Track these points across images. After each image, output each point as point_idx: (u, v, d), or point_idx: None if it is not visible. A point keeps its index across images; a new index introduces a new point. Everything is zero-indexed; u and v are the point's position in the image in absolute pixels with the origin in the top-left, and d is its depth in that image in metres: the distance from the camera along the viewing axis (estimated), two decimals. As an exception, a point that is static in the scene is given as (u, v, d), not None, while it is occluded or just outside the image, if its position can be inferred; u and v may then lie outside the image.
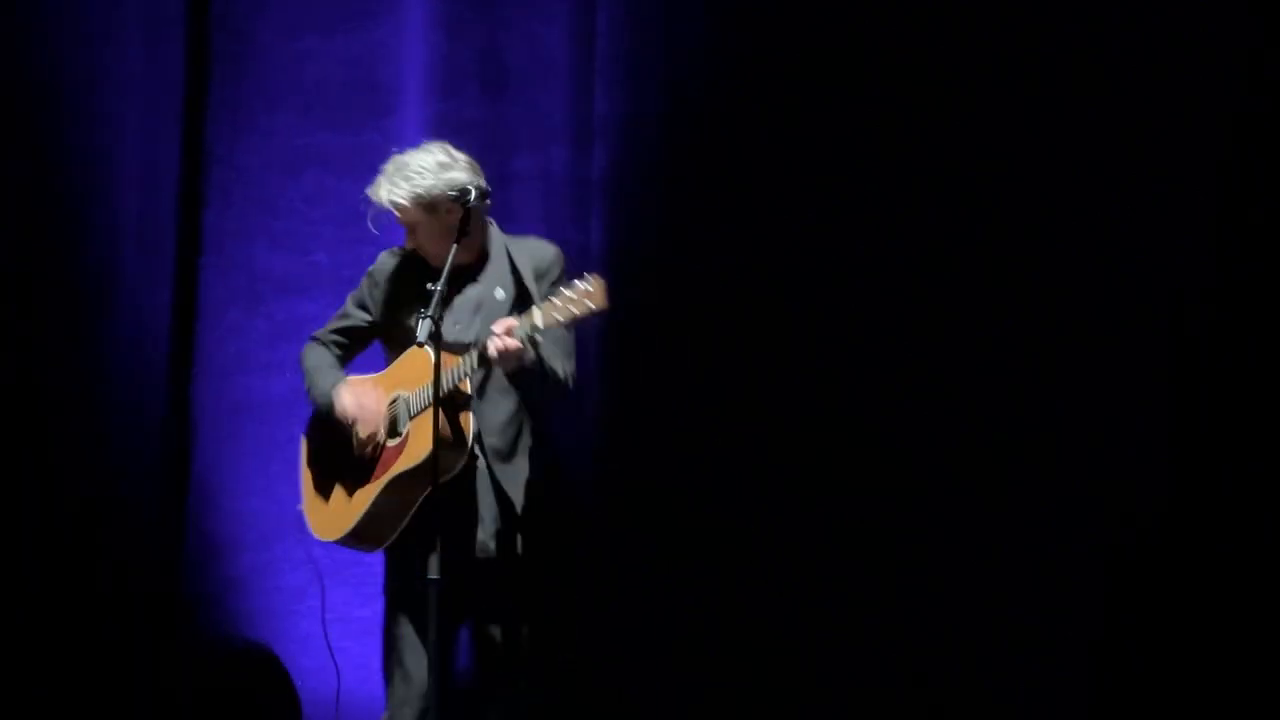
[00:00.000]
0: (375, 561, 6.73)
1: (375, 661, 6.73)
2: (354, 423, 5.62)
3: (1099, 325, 6.83)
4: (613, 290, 5.34)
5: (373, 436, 5.59)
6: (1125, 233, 6.83)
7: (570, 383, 5.63)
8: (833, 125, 7.00)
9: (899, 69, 6.98)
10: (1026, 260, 6.90)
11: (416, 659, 5.58)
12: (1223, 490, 6.69)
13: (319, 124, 7.31)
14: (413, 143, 7.09)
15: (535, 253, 5.65)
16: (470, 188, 5.54)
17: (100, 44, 7.18)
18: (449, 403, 5.47)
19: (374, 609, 6.70)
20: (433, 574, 5.33)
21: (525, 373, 5.49)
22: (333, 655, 6.36)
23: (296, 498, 6.95)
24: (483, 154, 6.94)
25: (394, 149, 7.13)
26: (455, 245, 5.45)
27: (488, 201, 5.64)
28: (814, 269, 7.04)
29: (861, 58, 7.00)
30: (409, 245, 5.66)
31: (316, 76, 7.32)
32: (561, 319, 5.34)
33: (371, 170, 7.10)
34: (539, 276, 5.60)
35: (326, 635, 6.37)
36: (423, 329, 5.31)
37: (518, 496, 5.57)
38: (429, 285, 5.40)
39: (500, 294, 5.60)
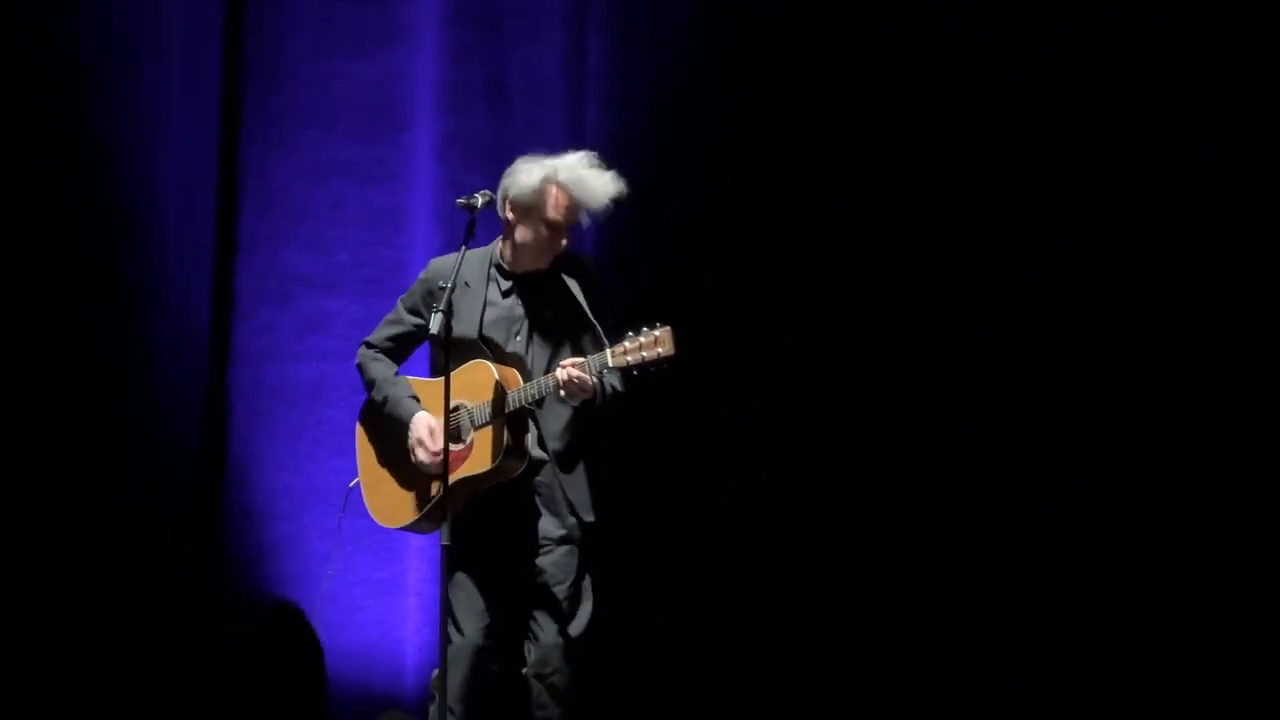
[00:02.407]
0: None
1: (393, 618, 7.19)
2: (415, 446, 5.78)
3: (1094, 326, 6.85)
4: (679, 338, 5.51)
5: (427, 459, 5.73)
6: (1117, 232, 6.84)
7: (621, 397, 5.78)
8: (812, 139, 7.11)
9: (880, 88, 7.05)
10: (1014, 262, 6.93)
11: (465, 619, 5.75)
12: (1222, 491, 6.74)
13: (342, 138, 7.48)
14: (426, 155, 7.34)
15: (582, 266, 5.85)
16: (477, 196, 5.75)
17: (147, 63, 7.34)
18: (513, 416, 5.69)
19: (392, 571, 7.17)
20: (444, 540, 5.56)
21: (586, 403, 5.68)
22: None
23: (326, 473, 7.20)
24: (488, 165, 6.88)
25: (409, 160, 7.31)
26: (464, 247, 5.69)
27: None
28: (796, 275, 7.12)
29: (843, 78, 7.09)
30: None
31: (340, 95, 7.49)
32: (631, 361, 5.55)
33: (388, 179, 7.35)
34: (586, 293, 5.78)
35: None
36: (435, 322, 5.52)
37: (578, 501, 5.81)
38: (440, 283, 5.66)
39: (549, 313, 5.80)
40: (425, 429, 5.82)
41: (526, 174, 5.75)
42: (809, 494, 7.07)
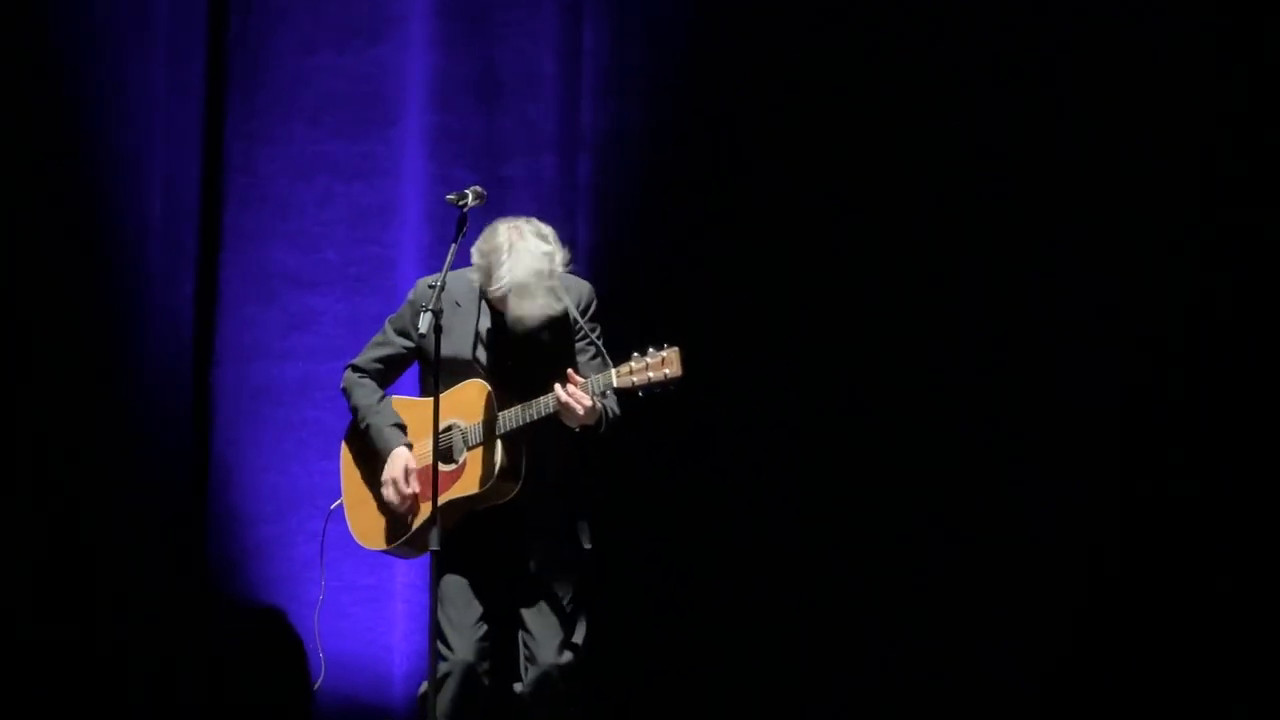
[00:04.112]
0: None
1: (380, 624, 7.19)
2: (386, 483, 5.73)
3: (1094, 326, 6.86)
4: (687, 359, 5.42)
5: (396, 503, 5.71)
6: (1118, 233, 6.87)
7: (620, 421, 5.69)
8: (812, 136, 7.10)
9: (880, 84, 7.05)
10: (1015, 262, 6.94)
11: (457, 637, 5.71)
12: (1222, 491, 6.74)
13: (329, 133, 7.44)
14: (415, 151, 7.32)
15: (573, 289, 5.73)
16: (468, 193, 5.69)
17: (130, 60, 7.36)
18: (508, 437, 5.62)
19: (379, 577, 7.16)
20: (434, 546, 5.51)
21: (588, 427, 5.58)
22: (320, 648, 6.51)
23: (312, 475, 7.18)
24: (479, 161, 7.14)
25: (397, 156, 7.29)
26: (454, 245, 5.61)
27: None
28: (794, 273, 7.10)
29: (843, 72, 7.09)
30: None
31: (327, 89, 7.45)
32: (637, 382, 5.45)
33: (376, 175, 7.36)
34: (581, 314, 5.70)
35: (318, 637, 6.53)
36: (424, 320, 5.49)
37: (574, 524, 5.75)
38: (429, 284, 5.61)
39: (546, 334, 5.69)
40: (401, 469, 5.77)
41: (494, 265, 5.62)
42: (808, 495, 7.05)
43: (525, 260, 5.60)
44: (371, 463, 5.87)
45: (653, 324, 5.71)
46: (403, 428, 5.85)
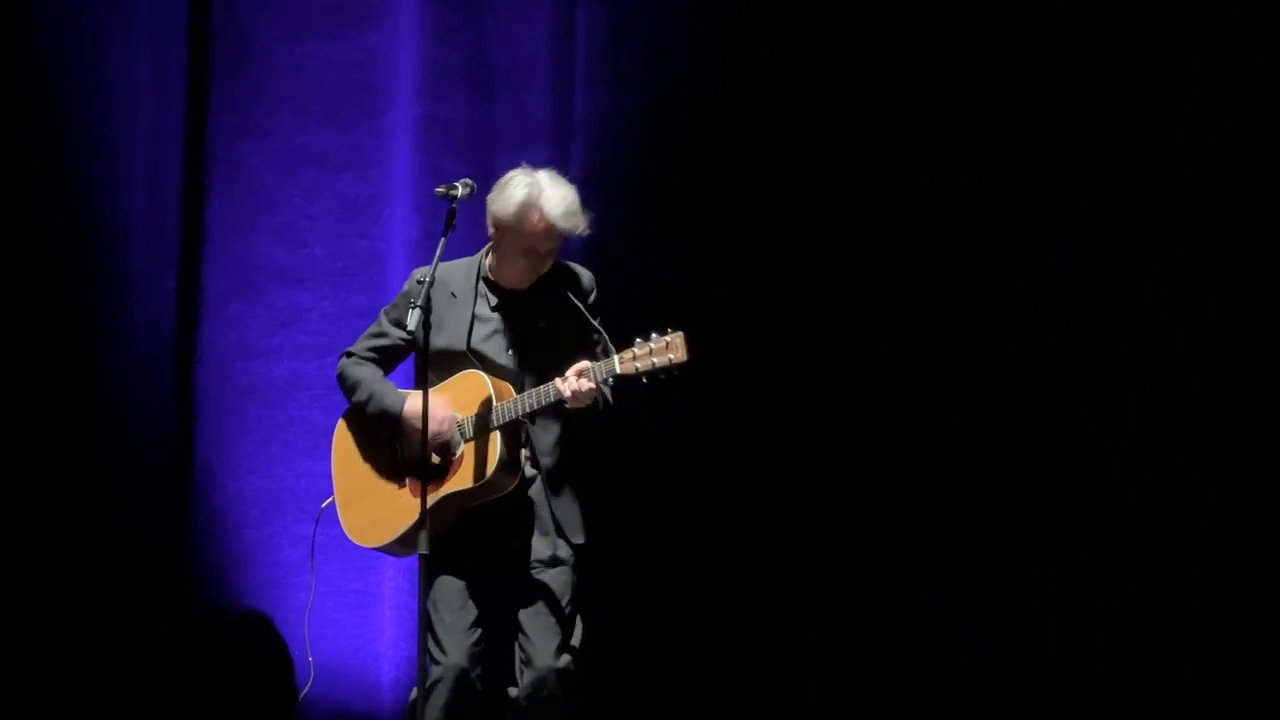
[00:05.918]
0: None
1: (367, 631, 7.16)
2: (422, 428, 5.52)
3: (1096, 325, 6.85)
4: (691, 342, 5.37)
5: (441, 444, 5.58)
6: (1118, 233, 6.84)
7: (610, 410, 5.64)
8: (813, 126, 7.07)
9: (870, 75, 7.01)
10: (1014, 262, 6.91)
11: (450, 640, 5.61)
12: (1223, 492, 6.72)
13: (316, 124, 7.37)
14: (404, 141, 7.32)
15: (575, 277, 5.71)
16: (458, 185, 5.60)
17: (110, 49, 7.31)
18: (507, 429, 5.55)
19: (366, 582, 7.13)
20: (422, 549, 5.44)
21: (584, 410, 5.52)
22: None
23: (298, 477, 7.15)
24: (469, 152, 7.12)
25: (386, 147, 7.26)
26: (444, 240, 5.54)
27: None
28: (793, 265, 7.05)
29: (846, 56, 7.04)
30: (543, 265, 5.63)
31: (313, 78, 7.38)
32: (641, 368, 5.36)
33: (365, 167, 7.35)
34: (580, 301, 5.65)
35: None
36: (413, 318, 5.40)
37: (568, 521, 5.66)
38: (419, 280, 5.54)
39: (543, 323, 5.66)
40: (421, 410, 5.59)
41: (510, 192, 5.61)
42: (808, 490, 7.01)
43: (550, 187, 5.57)
44: (373, 448, 5.78)
45: (647, 315, 5.63)
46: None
